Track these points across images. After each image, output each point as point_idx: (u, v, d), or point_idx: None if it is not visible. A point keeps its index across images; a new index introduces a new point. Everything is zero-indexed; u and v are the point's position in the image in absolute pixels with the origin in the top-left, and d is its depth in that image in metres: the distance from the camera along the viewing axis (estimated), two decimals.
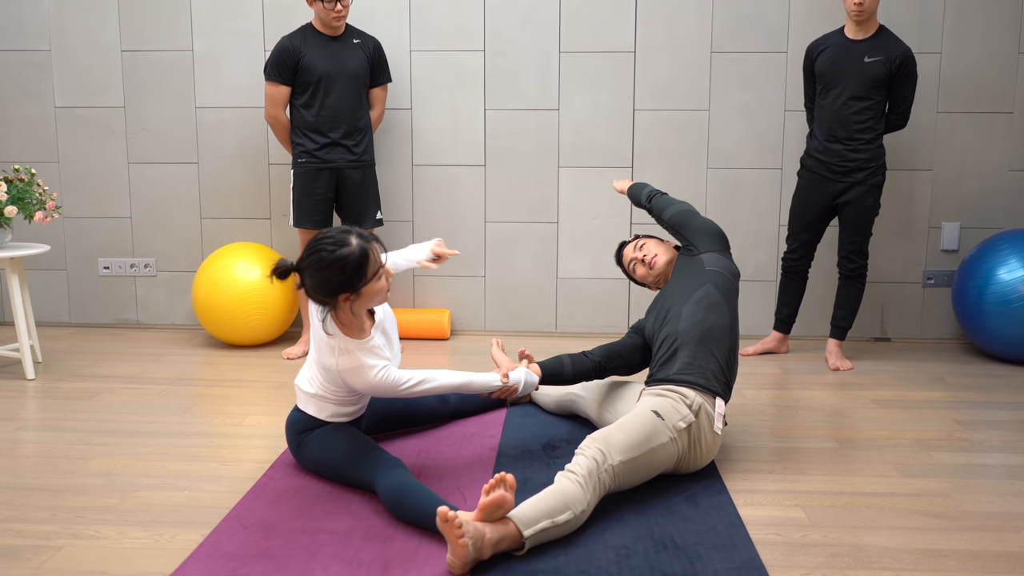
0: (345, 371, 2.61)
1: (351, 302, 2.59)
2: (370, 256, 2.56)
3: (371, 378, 2.60)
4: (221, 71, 4.68)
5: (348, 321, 2.63)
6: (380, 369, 2.61)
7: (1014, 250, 4.19)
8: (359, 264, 2.54)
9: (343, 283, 2.54)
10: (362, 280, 2.55)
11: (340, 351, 2.61)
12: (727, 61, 4.55)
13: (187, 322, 4.89)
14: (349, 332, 2.63)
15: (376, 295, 2.62)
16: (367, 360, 2.60)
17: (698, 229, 3.19)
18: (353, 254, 2.53)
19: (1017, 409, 3.59)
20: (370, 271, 2.56)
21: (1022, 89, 4.50)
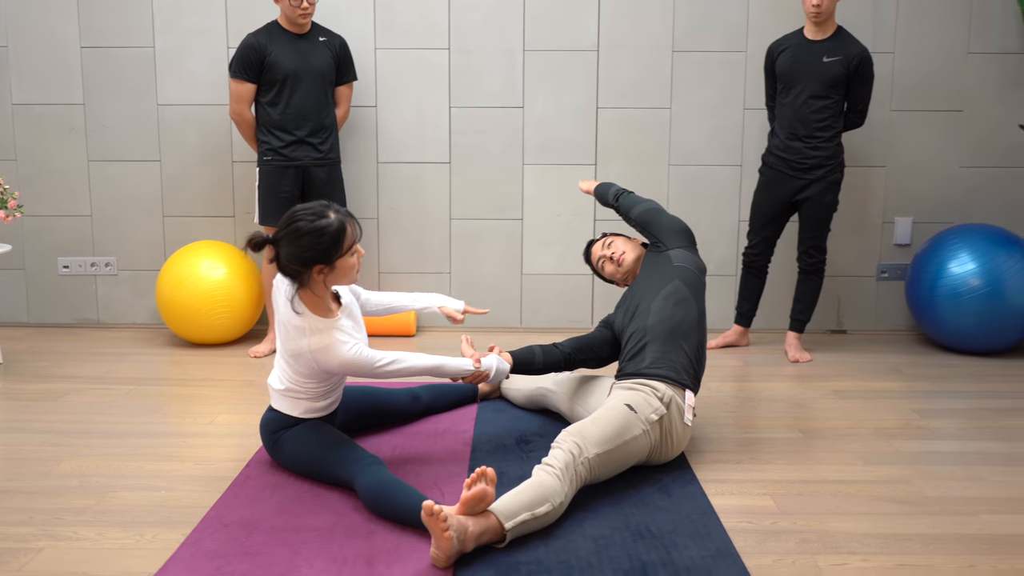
0: (318, 350, 2.62)
1: (325, 275, 2.63)
2: (347, 229, 2.62)
3: (345, 353, 2.61)
4: (183, 68, 4.64)
5: (315, 301, 2.67)
6: (353, 345, 2.64)
7: (964, 244, 4.33)
8: (336, 236, 2.58)
9: (319, 254, 2.58)
10: (338, 252, 2.60)
11: (311, 331, 2.63)
12: (688, 60, 4.63)
13: (149, 321, 4.85)
14: (317, 312, 2.66)
15: (349, 271, 2.67)
16: (338, 336, 2.63)
17: (665, 226, 3.26)
18: (331, 225, 2.58)
19: (970, 398, 3.72)
20: (346, 244, 2.61)
21: (971, 88, 4.64)
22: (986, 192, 4.73)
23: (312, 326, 2.63)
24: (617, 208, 3.44)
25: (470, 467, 2.90)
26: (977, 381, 3.97)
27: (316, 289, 2.67)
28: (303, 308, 2.65)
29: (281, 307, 2.70)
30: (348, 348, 2.63)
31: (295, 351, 2.67)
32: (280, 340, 2.75)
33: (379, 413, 3.22)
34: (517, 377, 3.51)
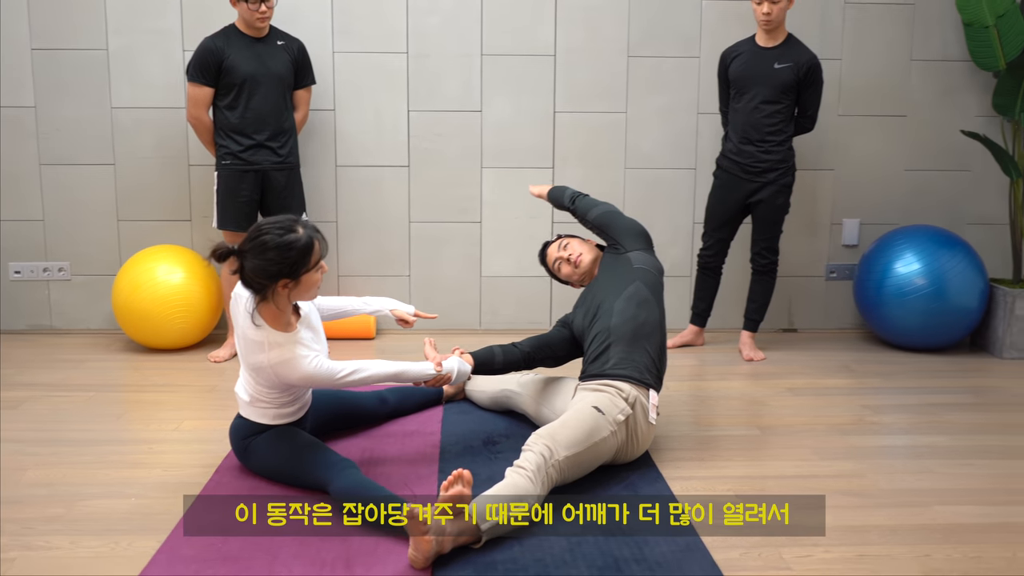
0: (277, 364, 2.63)
1: (289, 289, 2.64)
2: (315, 245, 2.64)
3: (305, 367, 2.63)
4: (138, 70, 4.60)
5: (276, 315, 2.68)
6: (313, 358, 2.66)
7: (909, 245, 4.48)
8: (304, 251, 2.61)
9: (285, 269, 2.59)
10: (305, 267, 2.62)
11: (270, 345, 2.64)
12: (643, 65, 4.72)
13: (105, 326, 4.80)
14: (276, 326, 2.67)
15: (312, 286, 2.69)
16: (298, 351, 2.65)
17: (623, 229, 3.32)
18: (299, 241, 2.60)
19: (918, 393, 3.87)
20: (313, 260, 2.63)
21: (915, 94, 4.81)
22: (928, 194, 4.90)
23: (271, 340, 2.65)
24: (573, 211, 3.50)
25: (440, 468, 2.94)
26: (923, 377, 4.12)
27: (278, 303, 2.67)
28: (262, 322, 2.66)
29: (240, 320, 2.70)
30: (308, 362, 2.64)
31: (255, 365, 2.68)
32: (240, 353, 2.75)
33: (348, 416, 3.25)
34: (481, 379, 3.56)
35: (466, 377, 3.08)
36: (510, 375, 3.49)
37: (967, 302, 4.39)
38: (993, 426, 3.46)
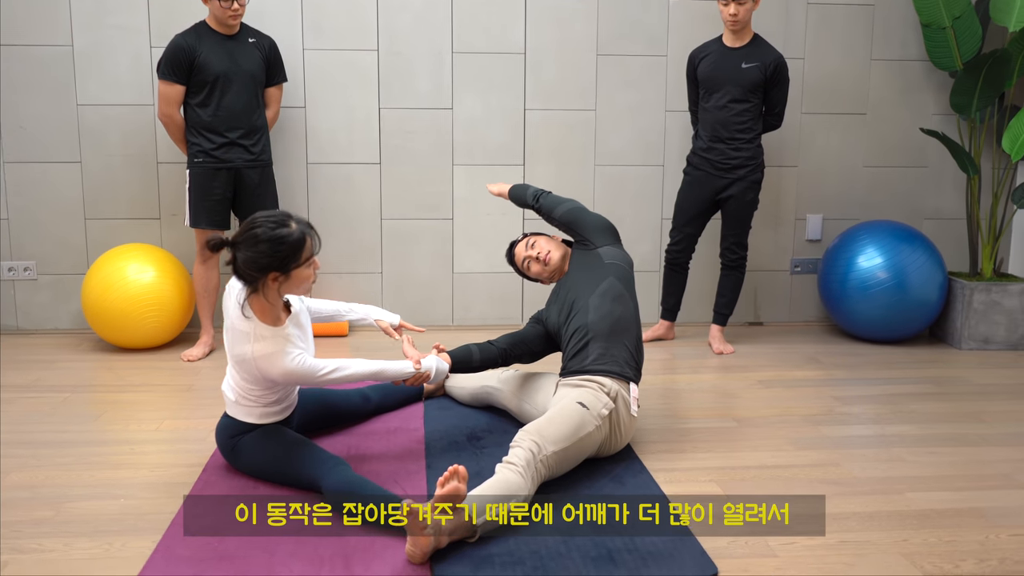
0: (261, 357, 2.65)
1: (279, 283, 2.67)
2: (307, 241, 2.66)
3: (287, 363, 2.65)
4: (104, 67, 4.55)
5: (266, 308, 2.70)
6: (296, 356, 2.68)
7: (871, 240, 4.61)
8: (295, 246, 2.63)
9: (276, 262, 2.62)
10: (295, 262, 2.64)
11: (256, 337, 2.66)
12: (612, 64, 4.79)
13: (73, 326, 4.74)
14: (264, 319, 2.69)
15: (304, 281, 2.71)
16: (283, 346, 2.67)
17: (591, 225, 3.36)
18: (291, 235, 2.62)
19: (883, 384, 3.99)
20: (304, 255, 2.66)
21: (874, 92, 4.94)
22: (886, 190, 5.04)
23: (258, 332, 2.67)
24: (538, 209, 3.50)
25: (427, 464, 2.98)
26: (887, 368, 4.24)
27: (269, 296, 2.70)
28: (251, 314, 2.68)
29: (231, 311, 2.72)
30: (291, 359, 2.66)
31: (240, 356, 2.69)
32: (227, 345, 2.76)
33: (332, 414, 3.26)
34: (461, 375, 3.59)
35: (444, 375, 3.11)
36: (489, 371, 3.54)
37: (927, 295, 4.53)
38: (956, 415, 3.59)
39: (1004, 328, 4.57)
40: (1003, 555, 2.42)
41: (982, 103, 4.58)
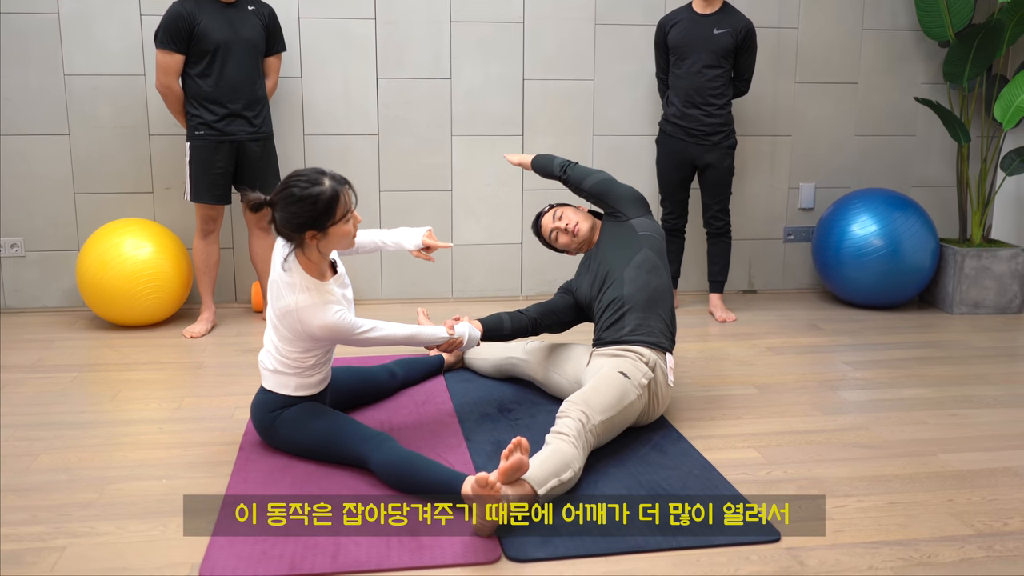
0: (304, 308, 2.62)
1: (317, 240, 2.64)
2: (340, 197, 2.61)
3: (329, 317, 2.63)
4: (92, 36, 4.39)
5: (310, 265, 2.68)
6: (337, 310, 2.66)
7: (865, 207, 4.69)
8: (329, 204, 2.59)
9: (311, 220, 2.59)
10: (331, 220, 2.61)
11: (301, 287, 2.64)
12: (610, 33, 4.77)
13: (63, 304, 4.61)
14: (311, 273, 2.67)
15: (343, 238, 2.67)
16: (327, 298, 2.66)
17: (622, 197, 3.35)
18: (324, 193, 2.58)
19: (887, 349, 4.08)
20: (339, 212, 2.61)
21: (866, 62, 5.00)
22: (878, 158, 5.13)
23: (303, 283, 2.65)
24: (565, 180, 3.48)
25: (465, 437, 2.97)
26: (887, 333, 4.34)
27: (310, 254, 2.67)
28: (293, 266, 2.66)
29: (277, 265, 2.70)
30: (333, 312, 2.64)
31: (283, 309, 2.66)
32: (269, 303, 2.72)
33: (362, 390, 3.23)
34: (484, 346, 3.59)
35: (475, 343, 3.10)
36: (514, 342, 3.53)
37: (920, 261, 4.63)
38: (964, 378, 3.69)
39: (994, 292, 4.70)
40: None
41: (974, 72, 4.67)
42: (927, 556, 2.26)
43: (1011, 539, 2.35)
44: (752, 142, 4.97)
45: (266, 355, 2.81)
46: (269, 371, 2.80)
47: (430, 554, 2.23)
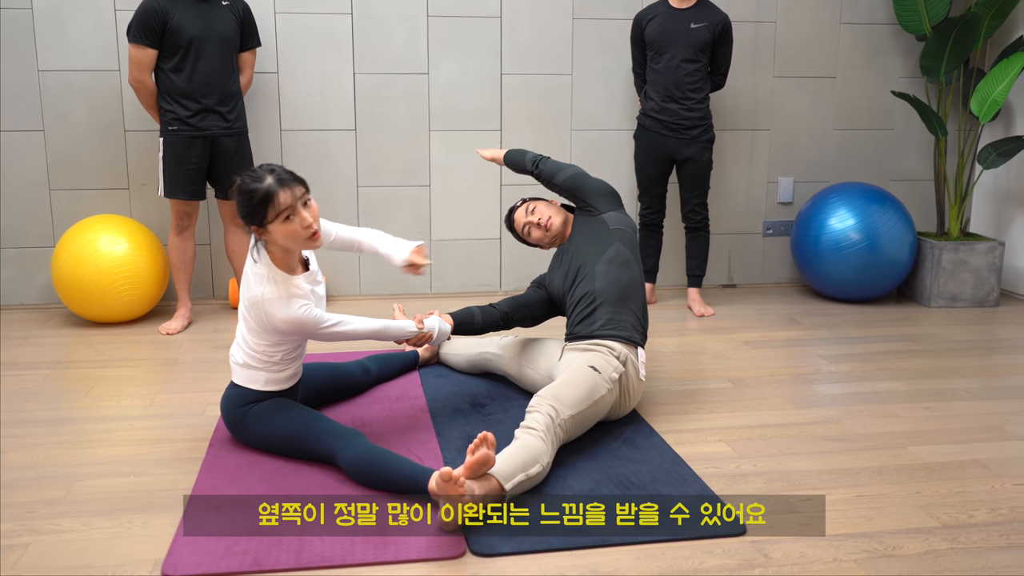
0: (269, 300, 2.62)
1: (264, 235, 2.64)
2: (274, 199, 2.54)
3: (293, 311, 2.62)
4: (66, 31, 4.37)
5: (278, 257, 2.68)
6: (303, 305, 2.64)
7: (843, 202, 4.70)
8: (261, 202, 2.55)
9: (248, 215, 2.60)
10: (263, 218, 2.57)
11: (268, 279, 2.64)
12: (588, 27, 4.76)
13: (40, 301, 4.59)
14: (279, 266, 2.68)
15: (290, 237, 2.60)
16: (293, 291, 2.65)
17: (594, 191, 3.35)
18: (258, 192, 2.56)
19: (864, 342, 4.09)
20: (271, 213, 2.56)
21: (843, 56, 5.01)
22: (856, 152, 5.14)
23: (271, 275, 2.65)
24: (538, 175, 3.47)
25: (436, 432, 2.97)
26: (864, 327, 4.35)
27: (274, 247, 2.67)
28: (265, 259, 2.65)
29: (249, 256, 2.71)
30: (298, 306, 2.63)
31: (251, 300, 2.66)
32: (242, 292, 2.72)
33: (335, 386, 3.22)
34: (458, 342, 3.59)
35: (446, 337, 3.09)
36: (488, 337, 3.53)
37: (898, 255, 4.64)
38: (938, 371, 3.70)
39: (971, 286, 4.72)
40: (1012, 504, 2.51)
41: (951, 66, 4.68)
42: (891, 548, 2.26)
43: (976, 531, 2.36)
44: (731, 136, 4.98)
45: (236, 348, 2.80)
46: (239, 365, 2.79)
47: (395, 550, 2.22)
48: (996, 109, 4.47)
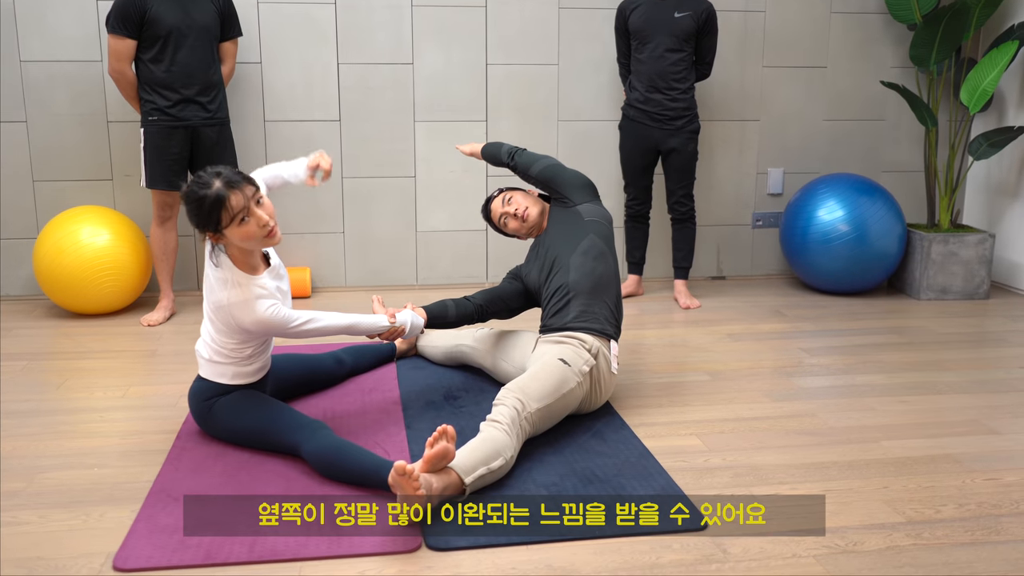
0: (235, 304, 2.59)
1: (220, 240, 2.60)
2: (226, 203, 2.50)
3: (261, 312, 2.60)
4: (47, 22, 4.35)
5: (238, 258, 2.64)
6: (270, 305, 2.62)
7: (832, 193, 4.65)
8: (213, 208, 2.51)
9: (201, 222, 2.56)
10: (218, 224, 2.54)
11: (232, 283, 2.60)
12: (574, 17, 4.72)
13: (24, 292, 4.59)
14: (241, 268, 2.64)
15: (247, 239, 2.58)
16: (258, 292, 2.62)
17: (569, 183, 3.31)
18: (207, 198, 2.51)
19: (847, 335, 4.05)
20: (226, 217, 2.52)
21: (834, 46, 4.95)
22: (847, 143, 5.08)
23: (234, 279, 2.61)
24: (513, 167, 3.43)
25: (407, 425, 2.95)
26: (850, 319, 4.31)
27: (230, 249, 2.64)
28: (223, 262, 2.62)
29: (207, 260, 2.67)
30: (265, 307, 2.61)
31: (216, 304, 2.63)
32: (205, 295, 2.69)
33: (307, 379, 3.20)
34: (434, 334, 3.56)
35: (419, 330, 3.07)
36: (464, 330, 3.51)
37: (887, 247, 4.59)
38: (921, 364, 3.66)
39: (961, 278, 4.67)
40: (980, 499, 2.48)
41: (941, 55, 4.62)
42: (852, 544, 2.23)
43: (941, 526, 2.32)
44: (720, 127, 4.93)
45: (202, 345, 2.78)
46: (205, 360, 2.78)
47: (349, 543, 2.21)
48: (986, 99, 4.41)
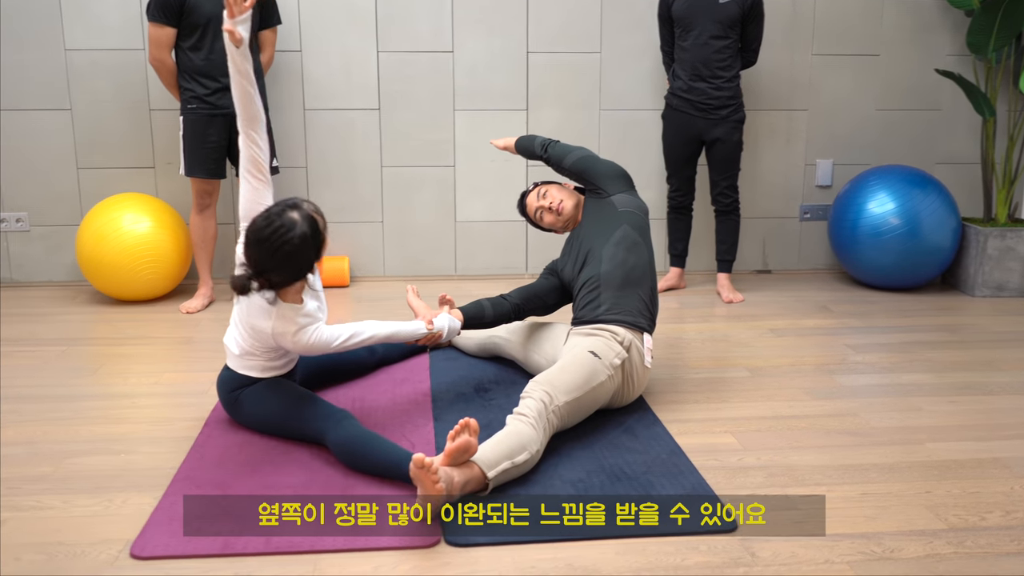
0: (280, 335, 2.59)
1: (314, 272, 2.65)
2: (317, 220, 2.54)
3: (304, 340, 2.60)
4: (91, 11, 4.38)
5: (288, 292, 2.61)
6: (313, 331, 2.61)
7: (883, 185, 4.50)
8: (315, 232, 2.52)
9: (314, 255, 2.54)
10: (323, 241, 2.56)
11: (277, 316, 2.58)
12: (616, 3, 4.63)
13: (67, 278, 4.64)
14: (285, 298, 2.60)
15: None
16: (302, 321, 2.60)
17: (603, 173, 3.23)
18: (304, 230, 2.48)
19: (896, 332, 3.91)
20: (324, 232, 2.56)
21: (887, 32, 4.79)
22: (899, 133, 4.92)
23: (279, 312, 2.58)
24: (547, 160, 3.36)
25: (435, 417, 2.90)
26: (899, 316, 4.16)
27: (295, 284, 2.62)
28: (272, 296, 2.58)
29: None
30: (308, 335, 2.60)
31: (256, 328, 2.62)
32: (241, 310, 2.66)
33: (337, 368, 3.18)
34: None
35: (456, 333, 3.03)
36: None
37: (940, 241, 4.43)
38: (972, 363, 3.52)
39: (1019, 275, 4.49)
40: None
41: (999, 43, 4.43)
42: (889, 551, 2.13)
43: (985, 535, 2.21)
44: (766, 116, 4.80)
45: (231, 340, 2.76)
46: (235, 355, 2.75)
47: (366, 537, 2.17)
48: None
